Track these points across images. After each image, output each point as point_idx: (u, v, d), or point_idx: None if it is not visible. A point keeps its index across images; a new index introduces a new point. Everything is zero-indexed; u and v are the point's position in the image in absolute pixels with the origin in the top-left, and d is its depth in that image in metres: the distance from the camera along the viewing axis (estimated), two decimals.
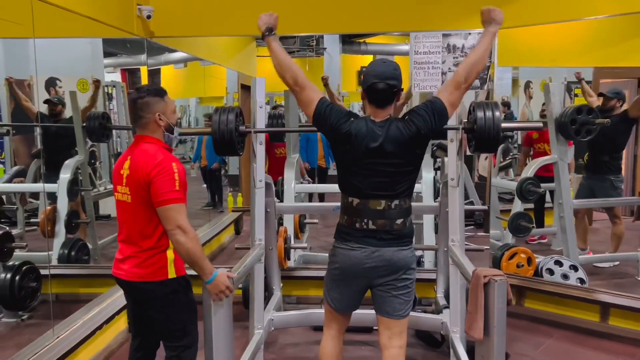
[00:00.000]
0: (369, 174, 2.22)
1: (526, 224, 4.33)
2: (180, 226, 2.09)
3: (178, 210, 2.10)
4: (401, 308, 2.28)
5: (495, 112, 2.77)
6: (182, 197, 2.13)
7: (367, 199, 2.23)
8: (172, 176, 2.10)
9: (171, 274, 2.21)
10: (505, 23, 3.86)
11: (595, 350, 3.36)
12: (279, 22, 2.51)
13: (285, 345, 3.50)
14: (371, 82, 2.20)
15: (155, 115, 2.20)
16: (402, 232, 2.25)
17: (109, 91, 7.20)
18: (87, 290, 3.99)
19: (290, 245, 3.74)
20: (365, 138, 2.19)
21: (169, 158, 2.16)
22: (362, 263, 2.24)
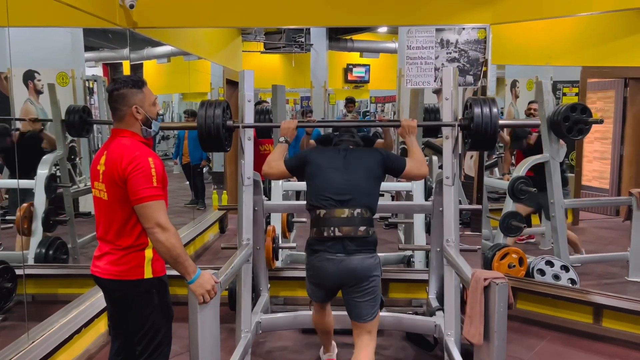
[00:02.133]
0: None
1: (517, 223, 4.27)
2: (159, 224, 1.99)
3: (156, 207, 2.00)
4: (367, 313, 2.55)
5: (493, 109, 2.71)
6: (160, 193, 2.03)
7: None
8: (149, 172, 2.00)
9: (147, 274, 2.11)
10: (498, 19, 3.85)
11: (588, 353, 3.31)
12: (266, 15, 2.97)
13: (273, 348, 3.39)
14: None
15: (132, 108, 2.10)
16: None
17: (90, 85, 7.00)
18: (66, 291, 3.84)
19: (278, 245, 3.62)
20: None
21: (145, 153, 2.05)
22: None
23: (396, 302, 3.93)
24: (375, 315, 2.56)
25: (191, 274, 2.06)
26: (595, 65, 6.40)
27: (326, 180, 2.57)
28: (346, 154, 2.66)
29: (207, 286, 2.08)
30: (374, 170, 2.62)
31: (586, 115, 4.02)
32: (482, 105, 2.72)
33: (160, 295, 2.16)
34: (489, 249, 4.19)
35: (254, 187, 3.03)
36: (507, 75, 7.40)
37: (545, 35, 5.44)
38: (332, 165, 2.61)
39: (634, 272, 4.43)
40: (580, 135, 4.14)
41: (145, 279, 2.10)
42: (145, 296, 2.12)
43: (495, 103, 2.74)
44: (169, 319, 2.24)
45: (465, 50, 3.79)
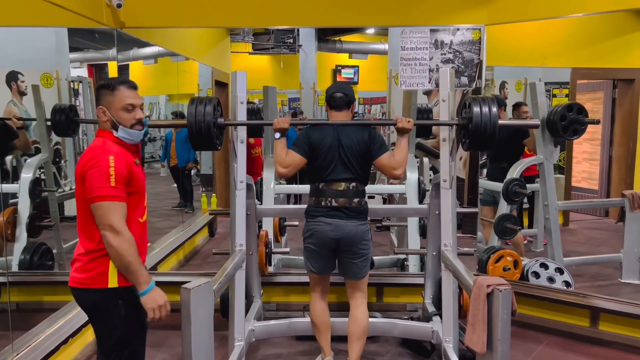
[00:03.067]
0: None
1: (512, 226, 4.23)
2: (112, 226, 1.88)
3: (110, 208, 1.89)
4: (360, 272, 2.86)
5: (492, 108, 2.65)
6: (117, 194, 1.91)
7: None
8: (106, 170, 1.89)
9: (112, 283, 1.97)
10: (493, 20, 3.81)
11: (586, 357, 3.28)
12: (255, 15, 3.10)
13: (267, 356, 3.31)
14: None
15: (98, 109, 2.05)
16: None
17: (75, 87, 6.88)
18: (52, 299, 3.71)
19: (271, 250, 3.55)
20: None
21: (107, 151, 1.95)
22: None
23: (391, 306, 3.87)
24: (366, 274, 2.90)
25: (143, 285, 1.93)
26: (584, 66, 6.42)
27: (325, 156, 2.77)
28: (340, 130, 2.79)
29: (160, 301, 1.96)
30: (361, 149, 2.77)
31: (582, 115, 4.00)
32: (482, 105, 2.66)
33: (128, 306, 2.01)
34: (484, 251, 4.15)
35: (247, 190, 2.96)
36: (495, 77, 7.37)
37: (535, 37, 5.43)
38: (329, 143, 2.77)
39: (627, 274, 4.42)
40: (575, 135, 4.12)
41: (110, 288, 1.97)
42: (110, 307, 1.99)
43: (494, 102, 2.69)
44: (140, 332, 2.13)
45: (459, 51, 3.74)
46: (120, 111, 2.04)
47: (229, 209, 3.07)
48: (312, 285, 2.98)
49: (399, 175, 2.77)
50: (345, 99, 2.85)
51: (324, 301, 2.98)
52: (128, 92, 2.06)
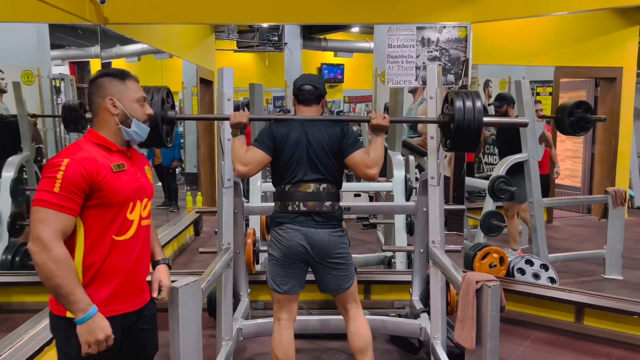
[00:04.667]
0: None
1: (498, 222, 4.27)
2: (40, 238, 1.53)
3: (45, 217, 1.55)
4: (345, 281, 2.53)
5: (477, 103, 2.43)
6: (59, 203, 1.56)
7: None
8: (54, 174, 1.57)
9: (69, 312, 1.62)
10: (479, 18, 3.83)
11: (573, 352, 3.31)
12: (240, 11, 2.87)
13: (255, 355, 3.29)
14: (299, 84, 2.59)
15: (106, 100, 1.73)
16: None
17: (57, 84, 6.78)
18: (35, 299, 3.65)
19: (259, 248, 3.52)
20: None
21: (67, 153, 1.63)
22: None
23: (378, 303, 3.88)
24: (353, 280, 2.56)
25: (78, 313, 1.58)
26: (567, 65, 6.50)
27: (291, 154, 2.48)
28: (308, 125, 2.51)
29: (99, 335, 1.60)
30: (333, 145, 2.49)
31: (589, 113, 4.05)
32: (465, 99, 2.45)
33: (64, 339, 1.67)
34: (470, 248, 4.17)
35: (234, 188, 2.93)
36: (480, 75, 7.44)
37: (519, 36, 5.47)
38: (295, 138, 2.49)
39: (610, 270, 4.48)
40: (583, 131, 4.16)
41: (66, 318, 1.64)
42: (62, 339, 1.70)
43: (479, 97, 2.49)
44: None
45: (446, 48, 3.76)
46: (135, 103, 1.79)
47: (216, 207, 3.04)
48: (277, 310, 2.58)
49: (373, 175, 2.46)
50: (314, 92, 2.57)
51: (291, 330, 2.58)
52: (137, 85, 1.84)
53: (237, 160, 2.46)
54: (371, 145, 2.48)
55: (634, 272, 4.69)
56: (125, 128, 1.77)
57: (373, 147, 2.47)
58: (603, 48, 6.37)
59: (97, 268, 1.67)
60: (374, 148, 2.47)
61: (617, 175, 6.55)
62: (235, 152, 2.47)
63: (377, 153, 2.46)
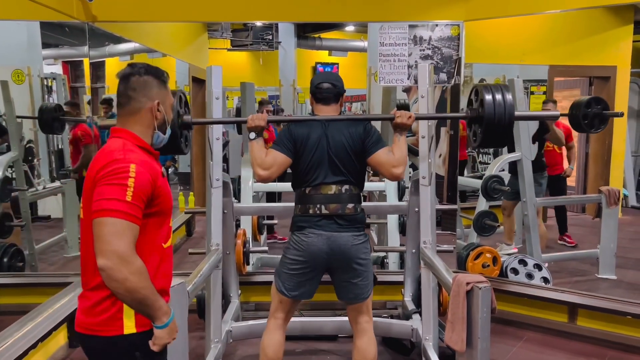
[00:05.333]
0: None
1: (491, 222, 4.24)
2: (117, 253, 1.39)
3: (119, 228, 1.41)
4: (363, 292, 2.46)
5: (507, 96, 2.34)
6: (132, 213, 1.44)
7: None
8: (124, 181, 1.44)
9: (128, 328, 1.52)
10: (472, 16, 3.81)
11: (566, 352, 3.29)
12: (232, 9, 2.71)
13: (245, 357, 3.25)
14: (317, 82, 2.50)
15: (154, 103, 1.61)
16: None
17: (49, 84, 6.73)
18: (22, 301, 3.61)
19: (249, 249, 3.49)
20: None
21: (130, 158, 1.50)
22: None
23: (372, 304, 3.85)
24: (370, 294, 2.49)
25: (162, 317, 1.51)
26: (561, 64, 6.49)
27: (311, 156, 2.39)
28: (328, 125, 2.43)
29: (175, 334, 1.58)
30: (355, 145, 2.40)
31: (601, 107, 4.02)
32: (494, 92, 2.32)
33: (146, 357, 1.56)
34: (463, 248, 4.15)
35: (223, 188, 2.89)
36: (474, 74, 7.43)
37: (513, 35, 5.46)
38: (315, 139, 2.40)
39: (604, 270, 4.45)
40: (599, 128, 4.12)
41: (125, 336, 1.53)
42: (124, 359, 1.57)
43: (508, 90, 2.38)
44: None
45: (438, 47, 3.73)
46: (170, 109, 1.70)
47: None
48: (275, 309, 2.53)
49: (399, 174, 2.39)
50: (333, 90, 2.48)
51: (283, 331, 2.54)
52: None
53: (258, 164, 2.37)
54: (395, 144, 2.43)
55: (628, 271, 4.68)
56: (161, 133, 1.67)
57: (397, 146, 2.42)
58: (597, 47, 6.36)
59: (152, 278, 1.53)
60: (398, 146, 2.41)
61: (611, 175, 6.54)
62: (254, 156, 2.39)
63: (402, 152, 2.41)
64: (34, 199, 4.99)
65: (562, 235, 5.44)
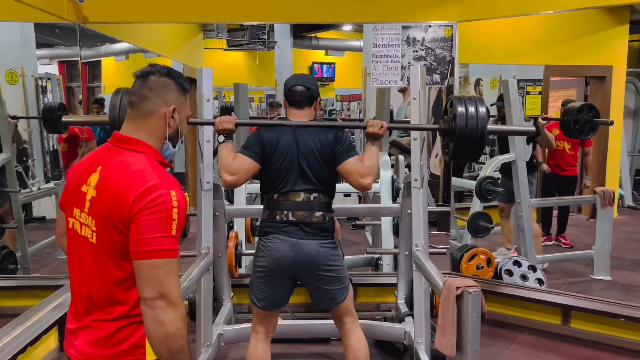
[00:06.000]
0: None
1: (485, 224, 4.23)
2: (167, 295, 1.28)
3: (169, 269, 1.30)
4: (336, 297, 2.40)
5: (480, 109, 2.30)
6: (176, 247, 1.33)
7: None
8: (169, 213, 1.30)
9: (150, 355, 1.38)
10: (465, 17, 3.80)
11: (559, 355, 3.28)
12: (228, 10, 2.41)
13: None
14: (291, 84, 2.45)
15: (170, 108, 1.43)
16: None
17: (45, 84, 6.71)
18: (14, 304, 3.59)
19: (241, 252, 3.47)
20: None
21: (166, 182, 1.34)
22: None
23: (364, 306, 3.83)
24: (348, 293, 2.44)
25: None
26: (557, 64, 6.49)
27: (280, 162, 2.34)
28: (299, 130, 2.38)
29: None
30: (325, 152, 2.35)
31: (592, 114, 4.04)
32: (468, 105, 2.30)
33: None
34: (457, 250, 4.14)
35: (214, 191, 2.87)
36: (471, 74, 7.42)
37: (509, 35, 5.46)
38: (285, 144, 2.35)
39: (598, 271, 4.45)
40: (588, 134, 4.15)
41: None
42: None
43: (482, 102, 2.35)
44: None
45: (431, 48, 3.71)
46: (185, 122, 1.52)
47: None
48: (255, 323, 2.48)
49: (367, 185, 2.32)
50: (307, 93, 2.42)
51: (266, 345, 2.46)
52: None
53: (224, 169, 2.32)
54: (365, 153, 2.37)
55: (623, 272, 4.67)
56: (171, 145, 1.49)
57: (368, 155, 2.36)
58: (593, 47, 6.37)
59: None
60: (368, 156, 2.35)
61: (607, 175, 6.55)
62: (222, 161, 2.33)
63: (372, 161, 2.34)
64: (29, 200, 4.96)
65: (558, 235, 5.43)
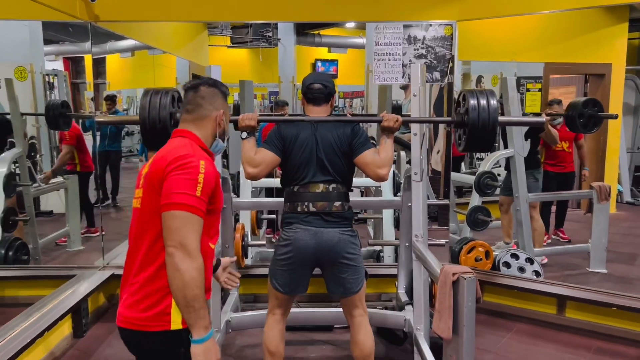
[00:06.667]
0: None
1: (484, 217, 4.34)
2: (184, 245, 1.45)
3: (188, 222, 1.47)
4: (352, 286, 2.50)
5: (492, 102, 2.39)
6: (200, 208, 1.50)
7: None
8: (195, 176, 1.51)
9: (175, 324, 1.54)
10: (464, 16, 3.90)
11: (554, 344, 3.39)
12: (233, 9, 2.51)
13: (244, 346, 3.36)
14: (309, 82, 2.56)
15: (220, 112, 1.74)
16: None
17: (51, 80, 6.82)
18: (27, 293, 3.73)
19: (247, 243, 3.59)
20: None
21: (198, 155, 1.58)
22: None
23: (367, 297, 3.90)
24: (362, 285, 2.53)
25: (201, 330, 1.47)
26: (557, 61, 6.57)
27: (299, 155, 2.46)
28: (318, 125, 2.49)
29: (213, 357, 1.50)
30: (342, 145, 2.47)
31: (597, 109, 4.13)
32: (480, 98, 2.38)
33: (189, 355, 1.52)
34: (456, 242, 4.25)
35: (222, 184, 2.98)
36: (472, 71, 7.51)
37: (509, 33, 5.55)
38: (304, 139, 2.47)
39: (594, 263, 4.56)
40: (593, 129, 4.23)
41: (172, 332, 1.54)
42: (169, 356, 1.58)
43: (493, 95, 2.43)
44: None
45: (432, 46, 3.82)
46: (228, 124, 1.85)
47: None
48: (272, 306, 2.59)
49: (384, 175, 2.44)
50: (324, 91, 2.53)
51: (283, 325, 2.61)
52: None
53: (247, 162, 2.44)
54: (381, 146, 2.50)
55: (619, 265, 4.79)
56: (220, 141, 1.78)
57: (383, 148, 2.48)
58: (592, 44, 6.45)
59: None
60: (384, 148, 2.48)
61: (606, 171, 6.63)
62: (244, 154, 2.45)
63: (387, 153, 2.47)
64: (37, 194, 5.09)
65: (556, 229, 5.54)
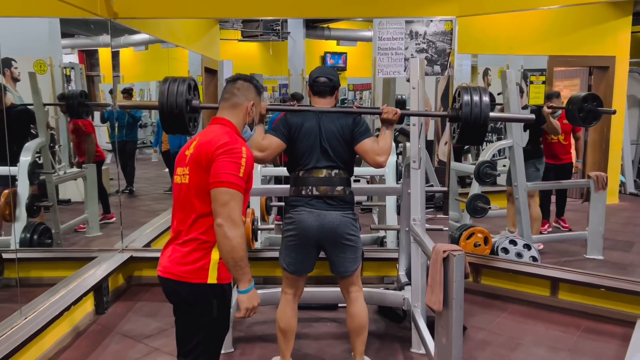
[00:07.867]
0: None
1: (483, 205, 4.52)
2: (232, 217, 1.79)
3: (234, 197, 1.81)
4: (349, 266, 2.70)
5: (484, 98, 2.55)
6: (242, 186, 1.85)
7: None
8: (239, 160, 1.85)
9: (211, 279, 1.89)
10: (464, 12, 4.06)
11: (545, 322, 3.58)
12: (243, 6, 2.80)
13: (253, 323, 3.59)
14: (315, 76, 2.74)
15: (250, 103, 2.07)
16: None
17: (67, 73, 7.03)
18: (51, 274, 3.95)
19: (257, 227, 3.81)
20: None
21: (240, 142, 1.93)
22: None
23: (369, 279, 4.15)
24: (357, 267, 2.73)
25: (247, 283, 1.84)
26: (561, 54, 6.68)
27: (304, 142, 2.65)
28: (322, 116, 2.69)
29: (255, 302, 1.88)
30: (344, 134, 2.66)
31: (596, 104, 4.32)
32: (473, 94, 2.56)
33: (220, 306, 1.94)
34: (456, 229, 4.44)
35: None
36: (479, 64, 7.63)
37: (514, 26, 5.67)
38: (309, 127, 2.66)
39: (591, 250, 4.72)
40: (592, 123, 4.45)
41: (208, 285, 1.89)
42: (204, 305, 1.92)
43: (486, 92, 2.60)
44: (223, 334, 2.05)
45: (433, 41, 4.00)
46: (259, 115, 2.18)
47: None
48: (285, 286, 2.80)
49: (382, 162, 2.61)
50: (329, 84, 2.72)
51: (295, 304, 2.80)
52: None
53: (255, 147, 2.63)
54: (380, 135, 2.68)
55: (615, 252, 4.94)
56: (249, 129, 2.16)
57: (382, 137, 2.67)
58: (596, 38, 6.53)
59: None
60: (383, 138, 2.66)
61: (610, 162, 6.74)
62: (253, 140, 2.61)
63: (386, 142, 2.65)
64: (60, 182, 5.34)
65: (558, 218, 5.70)
